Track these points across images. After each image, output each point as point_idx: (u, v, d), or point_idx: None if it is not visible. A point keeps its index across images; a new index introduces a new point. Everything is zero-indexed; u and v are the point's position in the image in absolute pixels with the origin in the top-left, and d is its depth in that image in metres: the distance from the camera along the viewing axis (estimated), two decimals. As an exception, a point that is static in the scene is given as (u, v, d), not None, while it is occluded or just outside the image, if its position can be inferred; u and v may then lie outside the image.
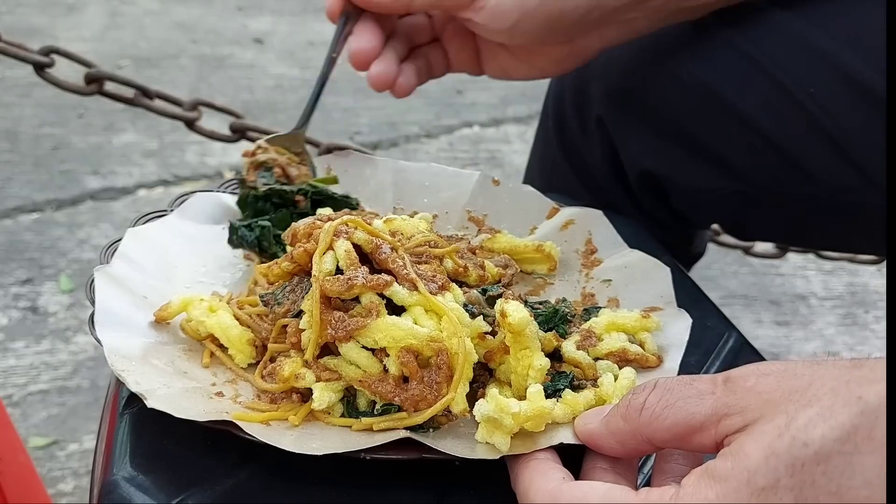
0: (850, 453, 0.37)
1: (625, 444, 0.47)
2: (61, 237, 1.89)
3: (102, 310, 0.59)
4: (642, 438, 0.46)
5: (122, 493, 0.51)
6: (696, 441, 0.44)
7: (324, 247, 0.57)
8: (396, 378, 0.55)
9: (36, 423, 1.42)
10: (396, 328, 0.54)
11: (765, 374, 0.43)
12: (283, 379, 0.56)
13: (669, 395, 0.45)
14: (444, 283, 0.58)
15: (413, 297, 0.56)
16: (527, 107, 2.74)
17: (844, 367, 0.41)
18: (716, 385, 0.44)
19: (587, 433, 0.50)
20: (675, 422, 0.44)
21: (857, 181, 0.78)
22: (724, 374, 0.45)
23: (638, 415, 0.46)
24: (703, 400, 0.44)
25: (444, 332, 0.54)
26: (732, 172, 0.84)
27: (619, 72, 0.88)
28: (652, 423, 0.45)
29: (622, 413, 0.47)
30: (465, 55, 0.82)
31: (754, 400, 0.42)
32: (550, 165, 1.00)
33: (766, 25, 0.81)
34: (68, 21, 3.05)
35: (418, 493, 0.52)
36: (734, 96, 0.81)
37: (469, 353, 0.54)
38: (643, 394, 0.46)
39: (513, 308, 0.53)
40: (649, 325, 0.62)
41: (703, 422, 0.43)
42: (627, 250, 0.73)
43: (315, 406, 0.55)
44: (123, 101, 1.19)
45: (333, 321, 0.55)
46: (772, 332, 1.82)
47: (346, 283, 0.55)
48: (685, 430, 0.44)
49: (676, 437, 0.45)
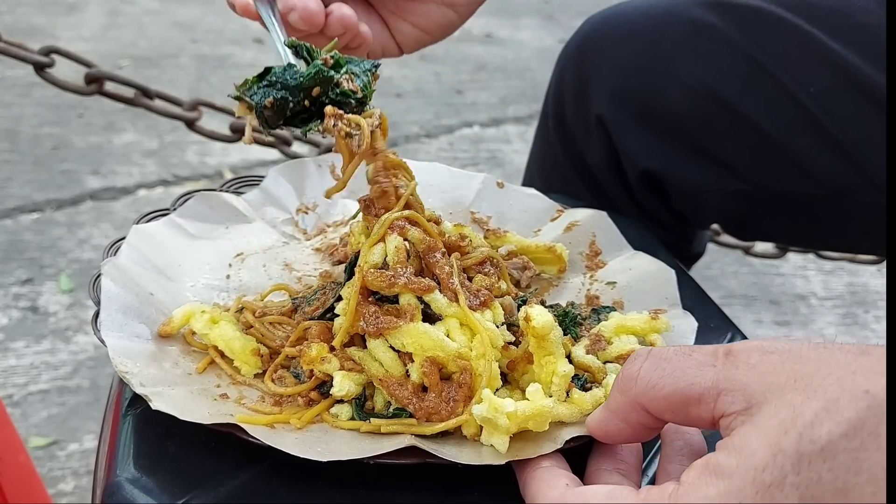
0: (856, 450, 0.37)
1: (628, 420, 0.47)
2: (61, 237, 1.89)
3: (107, 309, 0.59)
4: (640, 408, 0.45)
5: (126, 494, 0.51)
6: (694, 413, 0.43)
7: (375, 238, 0.57)
8: (416, 385, 0.54)
9: (36, 423, 1.41)
10: (426, 337, 0.54)
11: (769, 353, 0.42)
12: (308, 360, 0.56)
13: (667, 364, 0.44)
14: (487, 300, 0.57)
15: (451, 309, 0.56)
16: (527, 107, 2.75)
17: (851, 353, 0.40)
18: (716, 357, 0.43)
19: (594, 424, 0.49)
20: (673, 391, 0.43)
21: (857, 181, 0.79)
22: (726, 346, 0.43)
23: (633, 383, 0.45)
24: (702, 371, 0.43)
25: (474, 352, 0.54)
26: (733, 172, 0.84)
27: (619, 71, 0.88)
28: (648, 392, 0.44)
29: (618, 387, 0.46)
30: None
31: (757, 379, 0.41)
32: (550, 165, 1.00)
33: (767, 25, 0.81)
34: (68, 21, 3.05)
35: (422, 495, 0.52)
36: (735, 96, 0.81)
37: (493, 378, 0.53)
38: (637, 362, 0.45)
39: (537, 312, 0.52)
40: (659, 326, 0.62)
41: (701, 393, 0.42)
42: (631, 252, 0.73)
43: (334, 391, 0.55)
44: (123, 101, 1.19)
45: (367, 314, 0.55)
46: (772, 331, 1.82)
47: (389, 279, 0.55)
48: (683, 399, 0.43)
49: (673, 407, 0.44)
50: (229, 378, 0.59)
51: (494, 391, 0.54)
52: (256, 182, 0.80)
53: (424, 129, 2.55)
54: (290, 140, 1.38)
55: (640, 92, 0.87)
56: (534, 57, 3.23)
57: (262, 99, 0.59)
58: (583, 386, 0.56)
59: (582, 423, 0.52)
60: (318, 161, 0.82)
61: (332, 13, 0.68)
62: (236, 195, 0.77)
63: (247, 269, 0.72)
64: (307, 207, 0.80)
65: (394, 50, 0.78)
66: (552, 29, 3.53)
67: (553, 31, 3.51)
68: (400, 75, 2.92)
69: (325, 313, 0.60)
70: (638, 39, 0.87)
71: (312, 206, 0.80)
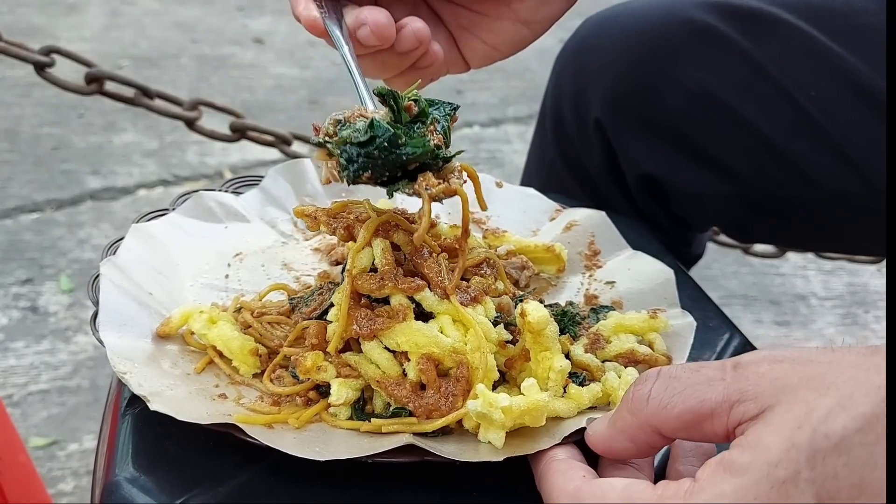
0: (872, 444, 0.37)
1: (636, 440, 0.46)
2: (61, 237, 1.89)
3: (106, 310, 0.59)
4: (651, 430, 0.44)
5: (125, 493, 0.51)
6: (708, 429, 0.43)
7: (362, 242, 0.57)
8: (414, 384, 0.55)
9: (36, 423, 1.42)
10: (420, 334, 0.54)
11: (778, 361, 0.42)
12: (304, 369, 0.56)
13: (676, 382, 0.44)
14: (478, 296, 0.58)
15: (443, 306, 0.56)
16: (527, 107, 2.75)
17: (862, 353, 0.40)
18: (725, 371, 0.43)
19: (597, 439, 0.48)
20: (685, 409, 0.43)
21: (857, 185, 0.78)
22: (733, 360, 0.43)
23: (645, 405, 0.44)
24: (712, 386, 0.42)
25: (469, 346, 0.54)
26: (732, 176, 0.84)
27: (618, 75, 0.88)
28: (659, 413, 0.44)
29: (628, 407, 0.45)
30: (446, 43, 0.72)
31: (768, 386, 0.41)
32: (548, 168, 1.00)
33: (767, 27, 0.80)
34: (68, 21, 3.05)
35: (420, 494, 0.52)
36: (734, 100, 0.81)
37: (490, 370, 0.53)
38: (647, 383, 0.45)
39: (533, 307, 0.53)
40: (658, 325, 0.62)
41: (713, 408, 0.42)
42: (631, 252, 0.73)
43: (332, 400, 0.55)
44: (123, 101, 1.19)
45: (360, 317, 0.55)
46: (772, 331, 1.82)
47: (378, 281, 0.55)
48: (695, 417, 0.43)
49: (686, 426, 0.43)
50: (228, 378, 0.59)
51: (492, 384, 0.54)
52: (256, 182, 0.80)
53: (424, 129, 2.55)
54: (290, 140, 1.38)
55: (639, 95, 0.86)
56: (534, 57, 3.22)
57: (358, 171, 0.55)
58: (581, 384, 0.56)
59: (579, 419, 0.52)
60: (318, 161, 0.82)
61: (405, 27, 0.63)
62: (236, 195, 0.77)
63: (245, 269, 0.72)
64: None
65: (461, 66, 0.74)
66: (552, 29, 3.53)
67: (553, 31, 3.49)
68: (400, 75, 2.92)
69: (322, 314, 0.60)
70: (636, 42, 0.86)
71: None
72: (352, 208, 0.60)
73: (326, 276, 0.70)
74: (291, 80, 2.78)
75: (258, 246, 0.75)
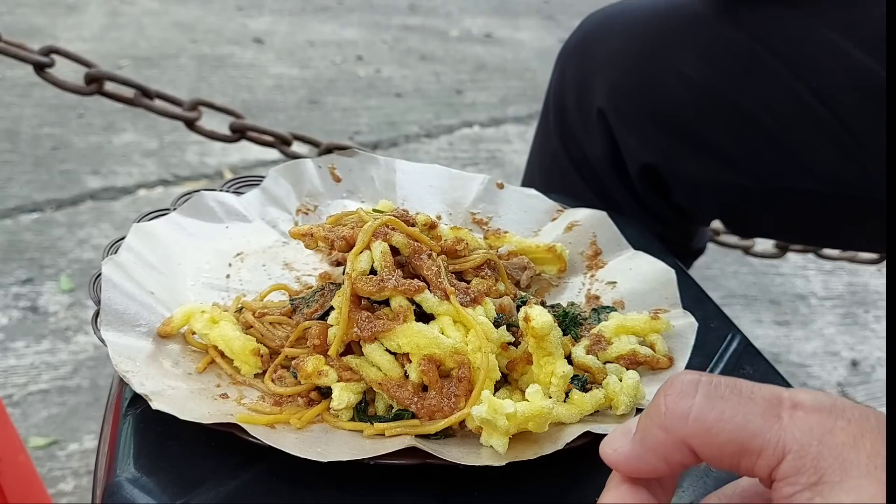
0: None
1: (670, 460, 0.39)
2: (61, 237, 1.89)
3: (107, 309, 0.59)
4: (688, 449, 0.39)
5: (126, 494, 0.51)
6: (745, 463, 0.38)
7: (361, 246, 0.57)
8: (416, 385, 0.55)
9: (36, 423, 1.41)
10: (421, 335, 0.54)
11: (842, 417, 0.36)
12: (305, 374, 0.56)
13: (724, 404, 0.38)
14: (477, 296, 0.58)
15: (443, 307, 0.56)
16: (527, 107, 2.75)
17: None
18: (782, 408, 0.37)
19: (620, 458, 0.40)
20: (732, 439, 0.37)
21: (858, 176, 0.78)
22: (791, 398, 0.37)
23: (684, 423, 0.38)
24: (767, 422, 0.37)
25: (470, 346, 0.54)
26: (733, 166, 0.84)
27: (621, 66, 0.88)
28: (702, 435, 0.38)
29: (660, 423, 0.39)
30: None
31: (830, 453, 0.35)
32: (550, 160, 1.00)
33: (769, 20, 0.80)
34: (68, 21, 3.05)
35: (422, 496, 0.52)
36: (735, 90, 0.81)
37: (492, 370, 0.53)
38: (686, 399, 0.38)
39: (537, 312, 0.53)
40: (659, 326, 0.62)
41: (763, 448, 0.37)
42: (632, 252, 0.73)
43: (334, 405, 0.55)
44: (123, 101, 1.18)
45: (360, 320, 0.55)
46: (772, 331, 1.83)
47: (377, 284, 0.56)
48: (739, 450, 0.37)
49: (726, 455, 0.38)
50: (229, 378, 0.59)
51: (494, 383, 0.54)
52: (256, 182, 0.80)
53: (424, 129, 2.55)
54: (290, 140, 1.38)
55: (641, 86, 0.87)
56: (534, 57, 3.23)
57: None
58: (583, 386, 0.56)
59: (582, 424, 0.52)
60: (319, 161, 0.82)
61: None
62: (236, 195, 0.77)
63: (247, 269, 0.72)
64: (307, 208, 0.80)
65: None
66: (552, 29, 3.53)
67: (553, 31, 3.51)
68: (400, 75, 2.92)
69: (324, 315, 0.60)
70: (639, 33, 0.87)
71: (312, 207, 0.80)
72: (346, 220, 0.61)
73: (327, 277, 0.70)
74: (291, 80, 2.78)
75: (259, 246, 0.75)
